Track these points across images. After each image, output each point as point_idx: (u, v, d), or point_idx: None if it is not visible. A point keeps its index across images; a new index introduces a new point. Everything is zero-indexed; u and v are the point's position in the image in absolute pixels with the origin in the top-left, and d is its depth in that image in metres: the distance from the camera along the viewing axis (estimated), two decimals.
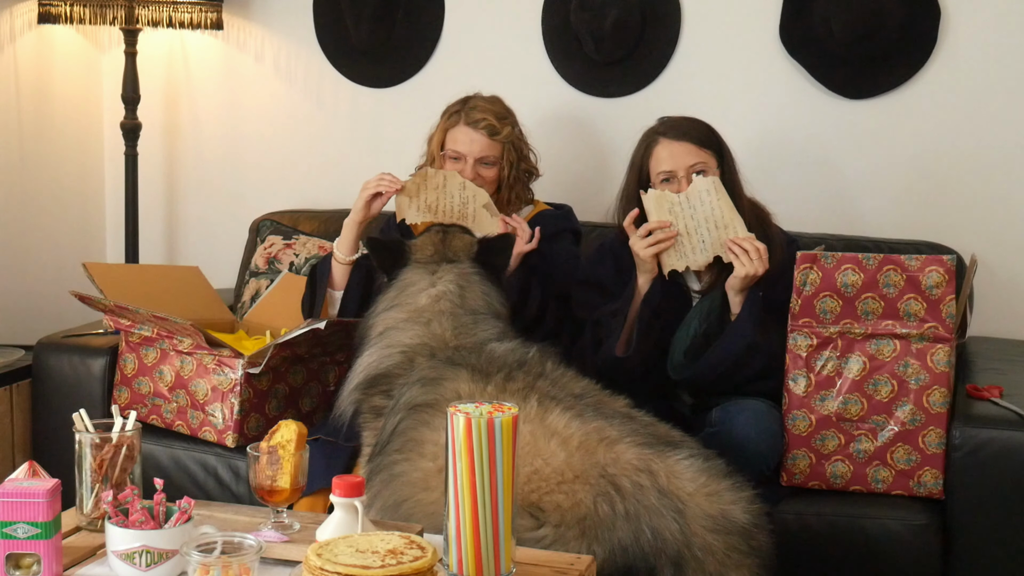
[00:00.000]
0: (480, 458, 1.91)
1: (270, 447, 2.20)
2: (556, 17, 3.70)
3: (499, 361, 2.59)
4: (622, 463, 2.32)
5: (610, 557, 2.26)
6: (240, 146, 4.07)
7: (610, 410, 2.49)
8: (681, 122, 2.96)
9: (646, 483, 2.30)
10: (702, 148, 2.90)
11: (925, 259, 2.72)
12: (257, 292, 3.61)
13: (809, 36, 3.50)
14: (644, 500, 2.28)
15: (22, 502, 1.96)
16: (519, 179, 3.19)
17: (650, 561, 2.25)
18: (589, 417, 2.42)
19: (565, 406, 2.43)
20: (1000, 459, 2.66)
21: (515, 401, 2.37)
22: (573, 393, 2.52)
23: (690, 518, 2.28)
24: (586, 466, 2.31)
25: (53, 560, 1.98)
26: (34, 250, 3.88)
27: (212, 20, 3.79)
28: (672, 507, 2.28)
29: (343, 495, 2.08)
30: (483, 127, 3.11)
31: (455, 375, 2.56)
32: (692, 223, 2.81)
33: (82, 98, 4.07)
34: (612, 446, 2.35)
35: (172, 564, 1.99)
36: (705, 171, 2.88)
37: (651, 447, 2.37)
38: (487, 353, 2.62)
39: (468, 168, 3.11)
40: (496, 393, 2.48)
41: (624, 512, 2.27)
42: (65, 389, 3.21)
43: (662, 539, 2.25)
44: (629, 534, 2.26)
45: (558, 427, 2.38)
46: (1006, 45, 3.42)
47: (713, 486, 2.34)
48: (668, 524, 2.26)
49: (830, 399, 2.77)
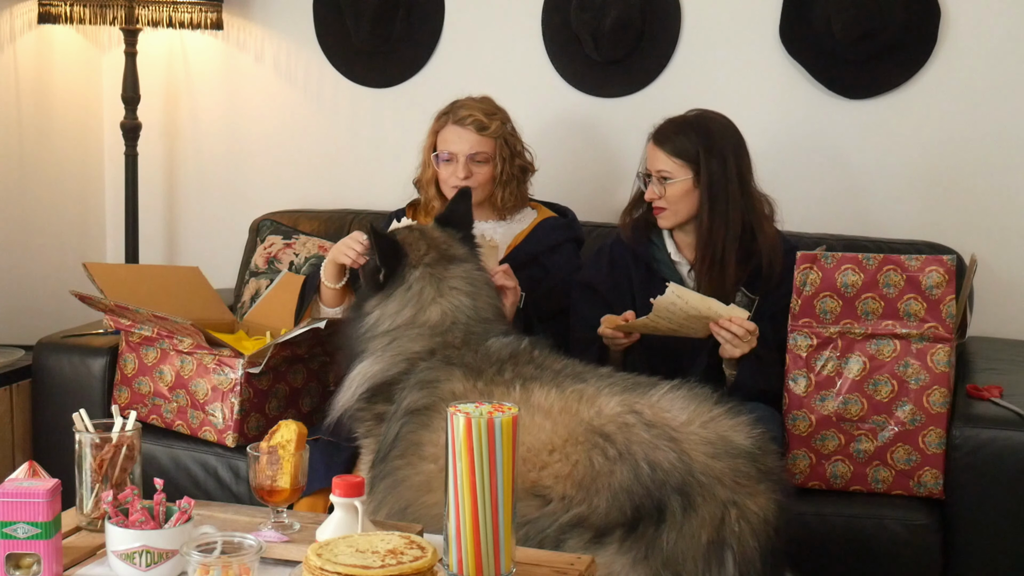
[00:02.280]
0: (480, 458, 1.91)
1: (270, 447, 2.20)
2: (556, 17, 3.70)
3: (492, 356, 2.59)
4: (605, 414, 2.35)
5: (615, 503, 2.25)
6: (240, 146, 4.07)
7: (589, 375, 2.51)
8: (668, 126, 2.95)
9: (632, 421, 2.32)
10: (672, 157, 2.89)
11: (925, 259, 2.72)
12: (257, 292, 3.61)
13: (809, 36, 3.50)
14: (634, 437, 2.29)
15: (22, 502, 1.96)
16: (514, 176, 3.17)
17: (655, 495, 2.24)
18: (567, 384, 2.44)
19: (544, 382, 2.46)
20: (1000, 459, 2.66)
21: (503, 391, 2.41)
22: (554, 369, 2.54)
23: (687, 446, 2.28)
24: (571, 427, 2.34)
25: (53, 560, 1.98)
26: (34, 250, 3.88)
27: (212, 20, 3.79)
28: (664, 436, 2.29)
29: (343, 495, 2.08)
30: (471, 123, 3.11)
31: (449, 375, 2.56)
32: (675, 324, 2.79)
33: (82, 98, 4.07)
34: (592, 402, 2.38)
35: (172, 564, 1.99)
36: (668, 179, 2.88)
37: (630, 391, 2.40)
38: (483, 350, 2.62)
39: (460, 167, 3.10)
40: (486, 388, 2.49)
41: (617, 454, 2.28)
42: (65, 389, 3.21)
43: (662, 470, 2.25)
44: (628, 474, 2.26)
45: (540, 402, 2.40)
46: (1006, 45, 3.42)
47: (706, 413, 2.34)
48: (664, 455, 2.27)
49: (830, 399, 2.77)
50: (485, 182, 3.13)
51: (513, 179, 3.17)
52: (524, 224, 3.23)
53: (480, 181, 3.12)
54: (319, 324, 2.85)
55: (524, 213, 3.26)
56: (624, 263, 3.01)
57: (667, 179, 2.90)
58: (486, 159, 3.13)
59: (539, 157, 3.32)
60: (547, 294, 3.13)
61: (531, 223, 3.22)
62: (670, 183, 2.90)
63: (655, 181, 2.92)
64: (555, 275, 3.14)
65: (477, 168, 3.12)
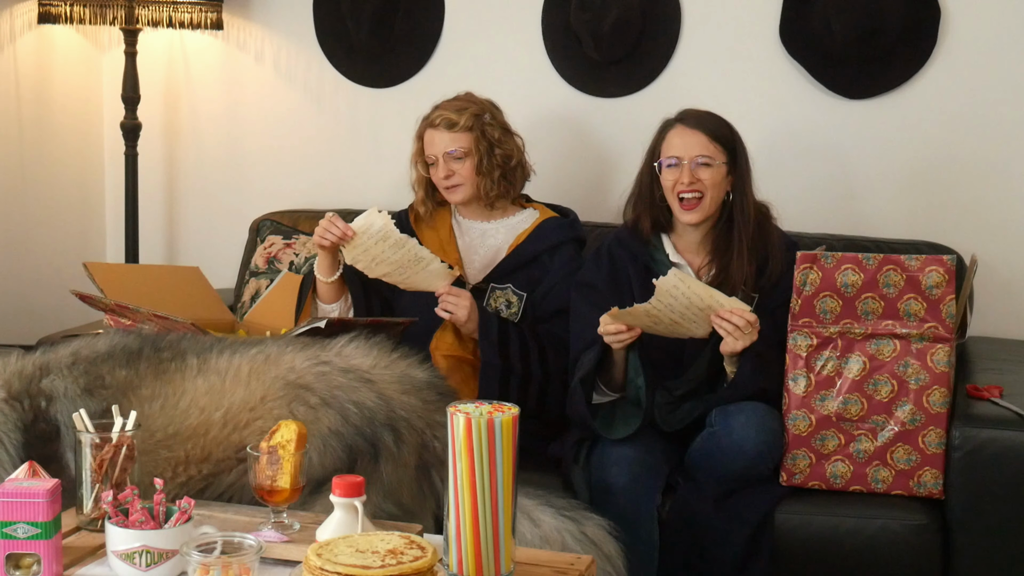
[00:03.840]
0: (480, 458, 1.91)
1: (270, 447, 2.20)
2: (556, 17, 3.70)
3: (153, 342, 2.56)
4: (297, 367, 2.44)
5: (327, 449, 2.35)
6: (240, 146, 4.07)
7: (263, 341, 2.59)
8: (700, 114, 2.96)
9: (327, 370, 2.43)
10: (712, 141, 2.89)
11: (925, 259, 2.72)
12: (257, 292, 3.61)
13: (809, 36, 3.50)
14: (333, 382, 2.41)
15: (22, 502, 1.96)
16: (496, 166, 3.16)
17: (367, 432, 2.37)
18: (245, 350, 2.50)
19: (220, 350, 2.50)
20: (1000, 459, 2.66)
21: (177, 366, 2.45)
22: (222, 342, 2.59)
23: (380, 384, 2.43)
24: (267, 385, 2.41)
25: (53, 560, 1.98)
26: (34, 250, 3.88)
27: (212, 20, 3.79)
28: (360, 379, 2.42)
29: (343, 495, 2.08)
30: (440, 123, 3.15)
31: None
32: (676, 315, 2.77)
33: (82, 98, 4.07)
34: (279, 359, 2.46)
35: (172, 564, 1.99)
36: (709, 164, 2.87)
37: (312, 346, 2.51)
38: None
39: (440, 168, 3.14)
40: (149, 369, 2.47)
41: (320, 400, 2.39)
42: None
43: (368, 408, 2.39)
44: (336, 417, 2.37)
45: (224, 368, 2.45)
46: (1006, 45, 3.42)
47: (387, 356, 2.51)
48: (365, 395, 2.40)
49: (830, 399, 2.77)
50: (468, 177, 3.15)
51: (496, 168, 3.17)
52: (526, 224, 3.23)
53: (463, 177, 3.15)
54: (319, 323, 2.85)
55: (526, 213, 3.27)
56: (623, 263, 3.01)
57: (708, 164, 2.87)
58: (464, 154, 3.14)
59: (539, 157, 3.32)
60: (547, 294, 3.13)
61: (533, 223, 3.23)
62: (711, 168, 2.86)
63: (692, 167, 2.86)
64: (556, 275, 3.15)
65: (457, 165, 3.15)
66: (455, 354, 3.11)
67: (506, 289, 3.13)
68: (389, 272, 3.03)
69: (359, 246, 3.00)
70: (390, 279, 3.06)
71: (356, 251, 3.00)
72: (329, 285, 3.07)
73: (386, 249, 2.99)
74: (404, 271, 3.02)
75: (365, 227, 2.98)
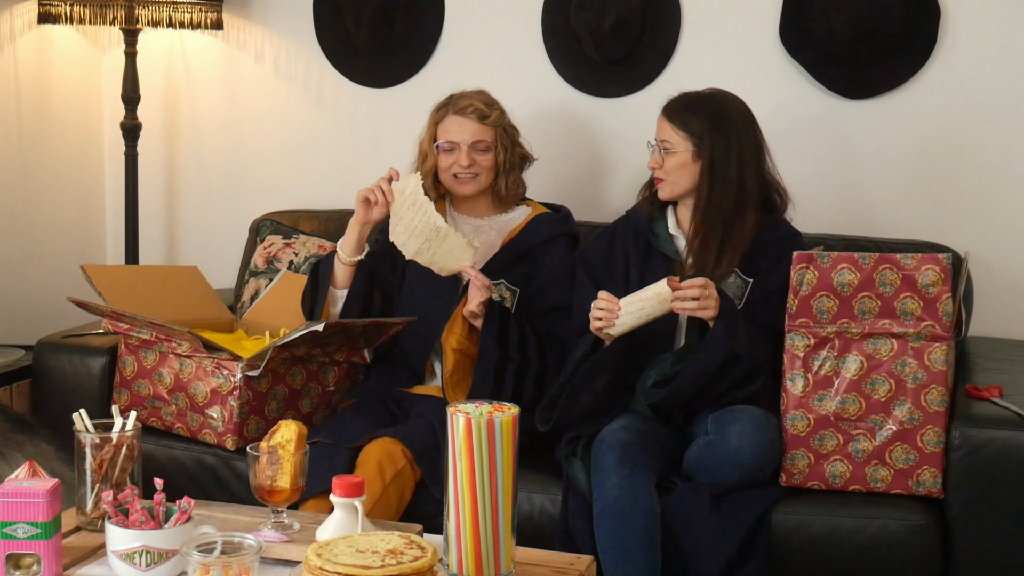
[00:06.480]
0: (480, 458, 1.92)
1: (270, 447, 2.20)
2: (556, 17, 3.70)
3: None
4: None
5: None
6: (240, 146, 4.07)
7: None
8: (680, 99, 3.02)
9: None
10: (676, 128, 2.97)
11: (921, 258, 2.73)
12: (257, 292, 3.61)
13: (809, 36, 3.50)
14: None
15: (22, 502, 1.96)
16: (515, 165, 3.22)
17: None
18: None
19: None
20: (1000, 459, 2.66)
21: None
22: None
23: None
24: None
25: (53, 560, 1.98)
26: (34, 250, 3.89)
27: (212, 20, 3.79)
28: None
29: (343, 495, 2.09)
30: (471, 112, 3.15)
31: None
32: (644, 316, 2.77)
33: (82, 98, 4.07)
34: None
35: (172, 564, 1.99)
36: (670, 149, 2.96)
37: None
38: None
39: (463, 155, 3.14)
40: None
41: None
42: (65, 389, 3.21)
43: None
44: None
45: None
46: (1006, 45, 3.42)
47: None
48: None
49: (828, 399, 2.77)
50: (487, 170, 3.18)
51: (515, 167, 3.22)
52: (519, 220, 3.25)
53: (482, 169, 3.16)
54: (317, 327, 2.85)
55: (519, 209, 3.28)
56: (625, 238, 3.06)
57: (667, 150, 2.97)
58: (487, 147, 3.17)
59: (539, 157, 3.32)
60: (541, 291, 3.14)
61: (526, 219, 3.24)
62: (669, 154, 2.96)
63: (657, 150, 2.99)
64: (549, 271, 3.16)
65: (479, 156, 3.16)
66: (464, 348, 3.10)
67: (499, 284, 3.13)
68: (420, 249, 3.02)
69: (396, 212, 3.01)
70: (422, 259, 3.03)
71: (395, 220, 3.02)
72: (347, 267, 3.07)
73: (416, 215, 2.99)
74: (430, 246, 3.01)
75: (401, 188, 3.00)
